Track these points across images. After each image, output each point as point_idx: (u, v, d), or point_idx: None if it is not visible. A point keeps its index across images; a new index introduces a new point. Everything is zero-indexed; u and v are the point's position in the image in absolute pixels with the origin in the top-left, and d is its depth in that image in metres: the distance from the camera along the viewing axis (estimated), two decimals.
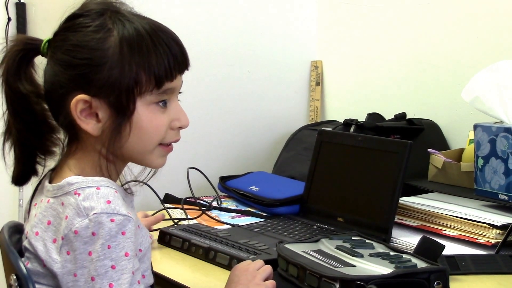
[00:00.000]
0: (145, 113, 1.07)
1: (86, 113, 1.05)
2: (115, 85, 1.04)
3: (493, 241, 1.48)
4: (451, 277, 1.22)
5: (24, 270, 1.05)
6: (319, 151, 1.81)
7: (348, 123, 2.00)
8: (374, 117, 2.08)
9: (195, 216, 1.83)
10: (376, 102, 2.28)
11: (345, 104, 2.42)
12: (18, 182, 1.13)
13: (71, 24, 1.07)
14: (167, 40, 1.07)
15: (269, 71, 2.41)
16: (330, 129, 1.99)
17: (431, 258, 1.25)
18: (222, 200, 2.00)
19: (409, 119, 2.05)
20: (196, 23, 2.25)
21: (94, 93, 1.04)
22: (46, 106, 1.09)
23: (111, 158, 1.08)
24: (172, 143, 1.13)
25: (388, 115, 2.10)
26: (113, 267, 0.99)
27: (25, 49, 1.09)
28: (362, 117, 2.06)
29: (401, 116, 2.07)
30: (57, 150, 1.12)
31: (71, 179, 1.05)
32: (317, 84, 2.47)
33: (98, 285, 0.99)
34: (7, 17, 2.54)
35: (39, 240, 1.05)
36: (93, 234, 0.99)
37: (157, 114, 1.08)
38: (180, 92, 1.13)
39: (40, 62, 1.11)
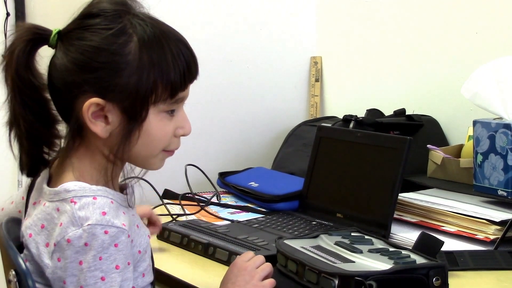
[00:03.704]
0: (155, 120, 1.06)
1: (96, 114, 1.04)
2: (132, 92, 1.03)
3: (492, 237, 1.48)
4: (450, 273, 1.22)
5: (23, 266, 1.05)
6: (318, 147, 1.81)
7: (347, 119, 1.99)
8: (373, 113, 2.08)
9: (194, 212, 1.83)
10: (376, 98, 2.28)
11: (345, 100, 2.42)
12: (29, 174, 1.12)
13: (89, 23, 1.05)
14: (184, 49, 1.07)
15: (268, 67, 2.41)
16: (330, 125, 1.99)
17: (430, 254, 1.25)
18: (221, 196, 2.01)
19: (409, 115, 2.05)
20: (195, 19, 2.25)
21: (109, 98, 1.03)
22: (48, 97, 1.08)
23: (113, 159, 1.07)
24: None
25: (388, 111, 2.10)
26: (102, 278, 1.00)
27: (34, 39, 1.07)
28: (361, 113, 2.06)
29: (401, 112, 2.07)
30: (58, 142, 1.11)
31: (68, 185, 1.04)
32: (317, 80, 2.47)
33: None
34: (5, 12, 2.53)
35: (32, 243, 1.05)
36: (85, 244, 0.99)
37: (165, 122, 1.08)
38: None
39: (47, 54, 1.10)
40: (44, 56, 1.10)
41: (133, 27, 1.04)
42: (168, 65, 1.04)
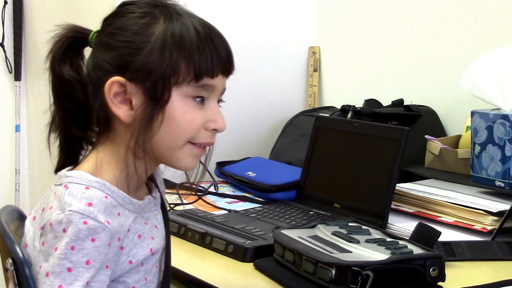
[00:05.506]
0: (180, 105, 1.03)
1: (121, 98, 1.02)
2: (152, 70, 1.01)
3: (489, 228, 1.48)
4: (447, 263, 1.22)
5: (20, 254, 1.04)
6: (316, 137, 1.81)
7: (345, 109, 1.99)
8: (371, 103, 2.07)
9: (191, 201, 1.83)
10: (374, 88, 2.27)
11: (343, 90, 2.41)
12: (57, 171, 1.08)
13: (119, 10, 1.06)
14: (216, 41, 1.05)
15: (266, 57, 2.41)
16: (327, 115, 1.99)
17: (427, 244, 1.25)
18: (218, 185, 2.01)
19: (407, 106, 2.04)
20: (193, 8, 2.24)
21: (130, 77, 1.01)
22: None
23: (139, 152, 1.04)
24: (206, 147, 1.10)
25: (386, 101, 2.10)
26: (69, 269, 0.95)
27: (73, 36, 1.07)
28: (359, 103, 2.06)
29: (399, 103, 2.07)
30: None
31: (70, 171, 1.03)
32: (315, 70, 2.47)
33: (49, 282, 0.96)
34: (3, 0, 2.53)
35: (34, 225, 1.04)
36: (63, 230, 0.96)
37: (192, 108, 1.04)
38: (223, 101, 1.11)
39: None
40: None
41: (162, 13, 1.03)
42: (192, 48, 1.02)
